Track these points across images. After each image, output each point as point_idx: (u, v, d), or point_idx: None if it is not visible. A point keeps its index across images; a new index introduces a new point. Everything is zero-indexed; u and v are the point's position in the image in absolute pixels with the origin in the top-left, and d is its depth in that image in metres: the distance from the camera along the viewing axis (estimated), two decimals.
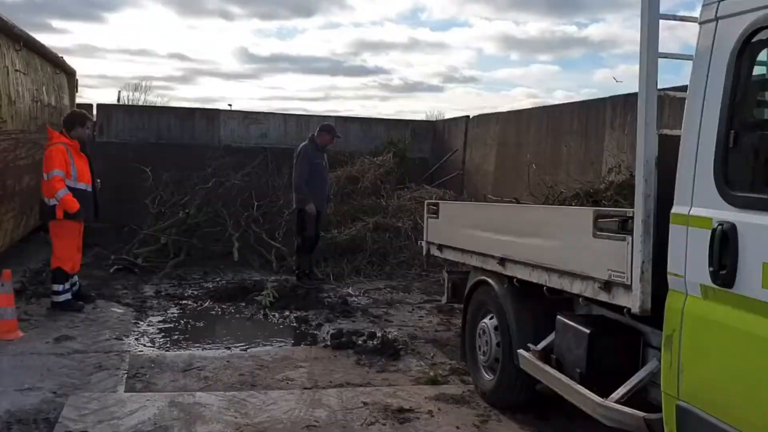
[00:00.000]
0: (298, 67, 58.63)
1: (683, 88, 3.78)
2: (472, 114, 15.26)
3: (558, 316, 4.77)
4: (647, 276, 3.75)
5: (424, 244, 7.54)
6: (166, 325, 7.91)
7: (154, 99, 33.68)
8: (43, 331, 7.33)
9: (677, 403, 3.46)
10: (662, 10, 3.85)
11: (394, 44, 58.36)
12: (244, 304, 8.91)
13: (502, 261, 5.48)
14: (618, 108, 10.14)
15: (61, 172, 7.91)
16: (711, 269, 3.23)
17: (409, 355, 6.93)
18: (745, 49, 3.20)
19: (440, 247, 7.11)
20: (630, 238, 3.86)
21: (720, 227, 3.18)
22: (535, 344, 5.03)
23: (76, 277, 8.49)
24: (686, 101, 3.57)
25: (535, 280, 5.03)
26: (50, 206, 7.93)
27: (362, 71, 57.00)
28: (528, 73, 54.24)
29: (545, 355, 4.88)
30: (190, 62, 59.85)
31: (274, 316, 8.43)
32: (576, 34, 53.40)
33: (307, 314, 8.44)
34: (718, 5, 3.36)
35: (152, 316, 8.27)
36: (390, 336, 7.45)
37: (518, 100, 53.64)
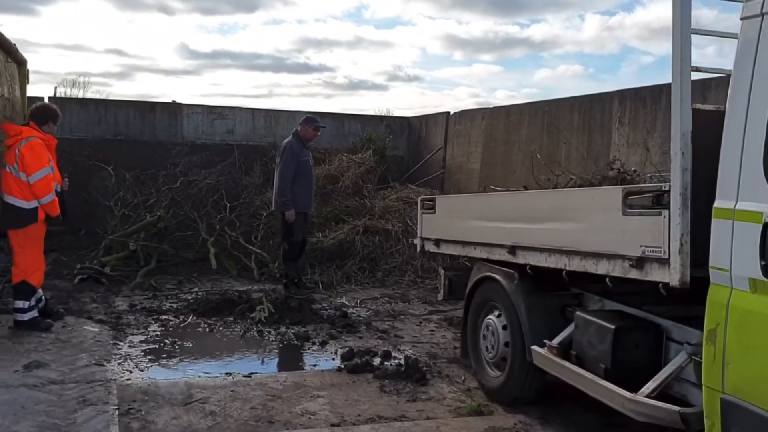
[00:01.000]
0: (240, 63, 57.14)
1: None
2: (453, 110, 14.55)
3: (577, 312, 4.75)
4: (686, 248, 3.71)
5: (418, 240, 7.41)
6: (150, 346, 6.95)
7: (92, 95, 32.24)
8: (8, 356, 6.33)
9: (722, 397, 3.43)
10: None
11: (338, 42, 57.41)
12: (232, 318, 8.00)
13: (513, 249, 5.39)
14: (627, 102, 9.52)
15: (49, 170, 6.95)
16: (762, 263, 3.21)
17: (437, 379, 6.14)
18: None
19: (437, 242, 6.98)
20: (667, 212, 3.81)
21: None
22: (547, 340, 4.96)
23: (41, 291, 7.48)
24: (729, 95, 3.56)
25: (552, 265, 4.94)
26: (29, 210, 6.94)
27: (306, 68, 55.86)
28: (471, 72, 54.19)
29: (563, 351, 4.80)
30: (129, 58, 57.73)
31: (269, 332, 7.54)
32: (518, 34, 53.57)
33: (306, 330, 7.59)
34: (764, 2, 3.39)
35: (132, 335, 7.29)
36: (407, 354, 6.68)
37: (461, 99, 53.57)
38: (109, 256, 10.07)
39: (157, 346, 6.96)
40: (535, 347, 5.07)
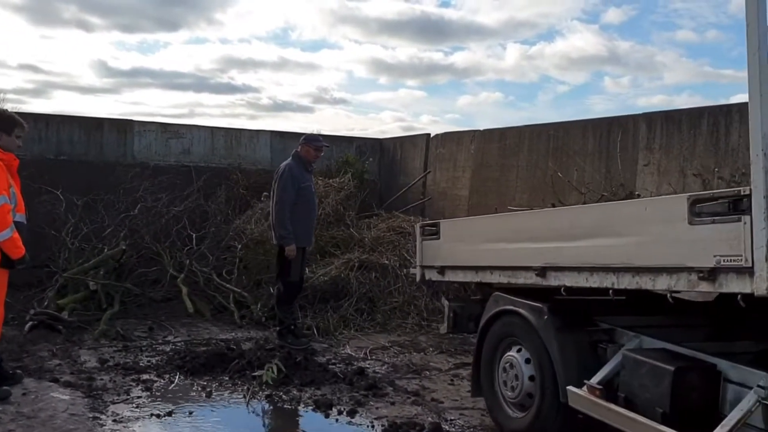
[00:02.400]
0: (160, 82, 54.99)
1: None
2: (434, 132, 13.53)
3: (624, 352, 4.49)
4: None
5: (417, 269, 6.80)
6: (141, 421, 5.55)
7: None
8: None
9: None
10: None
11: (263, 62, 55.87)
12: (227, 378, 6.68)
13: (543, 271, 4.93)
14: (657, 126, 8.66)
15: (7, 198, 5.54)
16: None
17: None
18: None
19: (442, 269, 6.39)
20: (747, 218, 3.52)
21: None
22: (579, 380, 4.63)
23: None
24: None
25: (595, 285, 4.54)
26: None
27: (229, 89, 54.11)
28: (396, 97, 53.63)
29: (607, 393, 4.41)
30: (44, 75, 54.85)
31: (279, 397, 6.24)
32: (442, 60, 53.36)
33: (323, 393, 6.32)
34: None
35: (113, 403, 5.87)
36: (460, 428, 5.52)
37: (386, 123, 52.92)
38: (65, 298, 8.51)
39: (149, 419, 5.58)
40: (571, 388, 4.65)
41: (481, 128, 12.12)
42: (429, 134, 13.52)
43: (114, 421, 5.50)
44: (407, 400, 6.28)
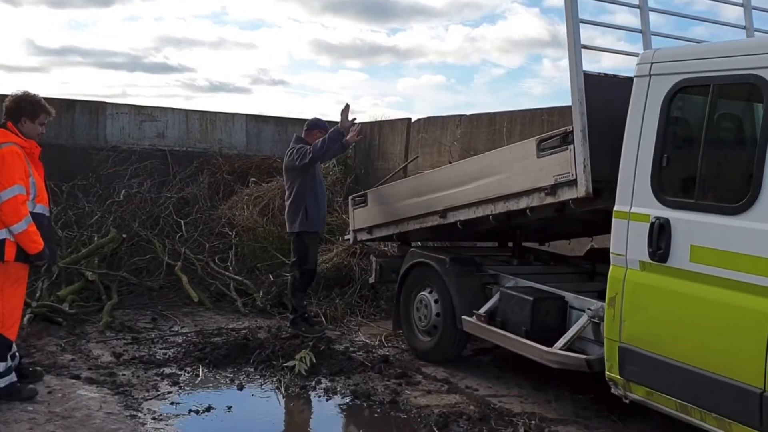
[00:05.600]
0: (91, 61, 52.52)
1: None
2: (415, 116, 13.41)
3: (501, 288, 6.11)
4: (588, 169, 4.89)
5: (350, 234, 8.28)
6: (181, 419, 5.36)
7: None
8: None
9: (619, 345, 4.65)
10: None
11: (200, 41, 53.73)
12: (253, 369, 6.52)
13: (444, 213, 6.55)
14: None
15: (24, 188, 5.21)
16: (650, 250, 4.41)
17: None
18: (674, 98, 4.47)
19: (370, 229, 7.88)
20: (572, 147, 5.00)
21: (657, 221, 4.38)
22: (471, 311, 6.18)
23: (14, 347, 5.72)
24: (626, 131, 4.70)
25: (480, 215, 6.15)
26: None
27: (164, 68, 51.90)
28: (337, 78, 52.08)
29: (489, 319, 5.99)
30: None
31: (313, 388, 6.13)
32: (384, 42, 52.09)
33: (355, 383, 6.22)
34: (651, 66, 4.60)
35: (145, 400, 5.65)
36: (503, 414, 5.50)
37: (327, 106, 51.52)
38: (62, 290, 8.13)
39: (188, 417, 5.39)
40: (465, 317, 6.26)
41: (468, 113, 12.06)
42: (410, 118, 13.40)
43: (153, 419, 5.29)
44: (441, 388, 6.23)
